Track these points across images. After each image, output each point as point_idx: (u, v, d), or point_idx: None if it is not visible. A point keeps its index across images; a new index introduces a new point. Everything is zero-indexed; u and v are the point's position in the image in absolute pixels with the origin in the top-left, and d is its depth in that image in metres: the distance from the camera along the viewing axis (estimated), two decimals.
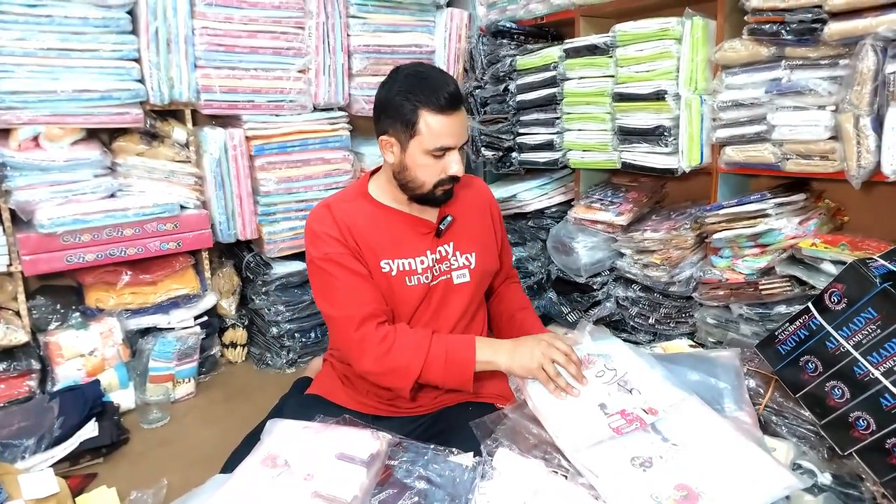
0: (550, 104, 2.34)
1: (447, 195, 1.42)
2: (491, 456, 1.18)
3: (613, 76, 2.10)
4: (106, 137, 2.27)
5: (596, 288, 2.27)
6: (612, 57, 2.08)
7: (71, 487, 1.65)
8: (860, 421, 1.17)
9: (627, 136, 2.08)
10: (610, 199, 2.31)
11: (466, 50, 2.80)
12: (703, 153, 1.95)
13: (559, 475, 1.14)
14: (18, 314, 2.15)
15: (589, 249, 2.24)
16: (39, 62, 2.01)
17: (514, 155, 2.55)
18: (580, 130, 2.27)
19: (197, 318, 2.38)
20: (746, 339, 1.80)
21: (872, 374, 1.15)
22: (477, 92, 2.68)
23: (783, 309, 1.73)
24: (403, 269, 1.43)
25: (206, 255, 2.48)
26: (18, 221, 2.12)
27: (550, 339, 1.34)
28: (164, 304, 2.33)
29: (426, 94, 1.30)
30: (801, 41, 1.61)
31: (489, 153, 2.65)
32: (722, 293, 1.87)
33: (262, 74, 2.40)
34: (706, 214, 1.89)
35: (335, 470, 1.14)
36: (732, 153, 1.84)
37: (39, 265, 2.08)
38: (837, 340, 1.22)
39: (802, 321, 1.29)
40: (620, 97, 2.07)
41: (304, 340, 2.49)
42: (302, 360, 2.49)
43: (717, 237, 1.86)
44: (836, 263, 1.60)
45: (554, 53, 2.29)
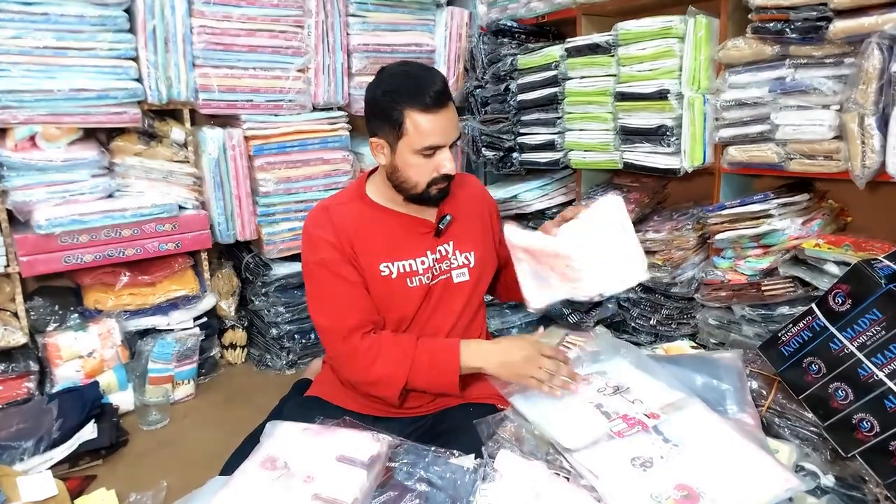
0: (552, 104, 2.33)
1: (443, 194, 1.40)
2: (492, 458, 1.18)
3: (615, 75, 2.09)
4: (104, 137, 2.26)
5: None
6: (613, 56, 2.07)
7: (70, 489, 1.64)
8: (864, 423, 1.16)
9: (629, 135, 2.07)
10: None
11: (467, 49, 2.78)
12: (705, 153, 1.94)
13: (561, 477, 1.13)
14: (16, 315, 2.14)
15: None
16: (36, 61, 1.99)
17: (514, 155, 2.54)
18: (581, 130, 2.26)
19: (196, 319, 2.37)
20: (749, 340, 1.80)
21: (877, 375, 1.14)
22: (477, 91, 2.67)
23: (786, 310, 1.73)
24: (404, 270, 1.42)
25: (205, 255, 2.47)
26: (16, 222, 2.11)
27: (534, 345, 1.34)
28: (163, 305, 2.32)
29: (410, 92, 1.28)
30: (805, 39, 1.59)
31: (490, 153, 2.64)
32: (724, 294, 1.86)
33: (260, 74, 2.39)
34: (708, 215, 1.88)
35: (335, 472, 1.14)
36: (735, 153, 1.83)
37: (37, 266, 2.07)
38: (841, 342, 1.21)
39: (806, 322, 1.29)
40: (622, 96, 2.06)
41: (303, 342, 2.48)
42: (302, 361, 2.48)
43: (719, 238, 1.85)
44: (839, 264, 1.60)
45: (555, 52, 2.28)
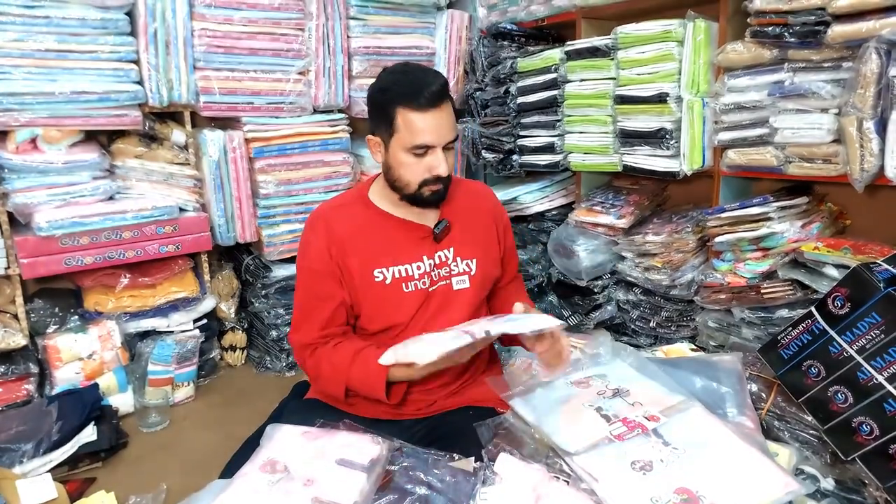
0: (551, 106, 2.33)
1: (436, 196, 1.37)
2: (492, 461, 1.17)
3: (615, 78, 2.09)
4: (104, 139, 2.26)
5: (597, 291, 2.27)
6: (613, 59, 2.08)
7: (69, 492, 1.64)
8: (863, 426, 1.16)
9: (629, 138, 2.08)
10: (611, 201, 2.30)
11: (467, 52, 2.79)
12: (704, 156, 1.94)
13: (561, 480, 1.13)
14: (16, 317, 2.14)
15: (590, 252, 2.23)
16: (37, 64, 2.00)
17: (514, 157, 2.54)
18: (581, 133, 2.27)
19: (196, 321, 2.38)
20: (748, 343, 1.80)
21: (876, 379, 1.14)
22: (477, 94, 2.67)
23: (785, 313, 1.73)
24: (399, 275, 1.41)
25: (205, 257, 2.47)
26: (16, 224, 2.11)
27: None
28: (163, 307, 2.32)
29: (404, 91, 1.28)
30: (804, 43, 1.60)
31: (490, 155, 2.65)
32: (723, 297, 1.86)
33: (261, 76, 2.40)
34: (708, 218, 1.88)
35: (335, 475, 1.14)
36: (734, 156, 1.84)
37: (37, 268, 2.08)
38: (841, 345, 1.21)
39: (805, 325, 1.29)
40: (622, 99, 2.06)
41: None
42: None
43: (718, 240, 1.85)
44: (838, 267, 1.60)
45: (555, 55, 2.28)
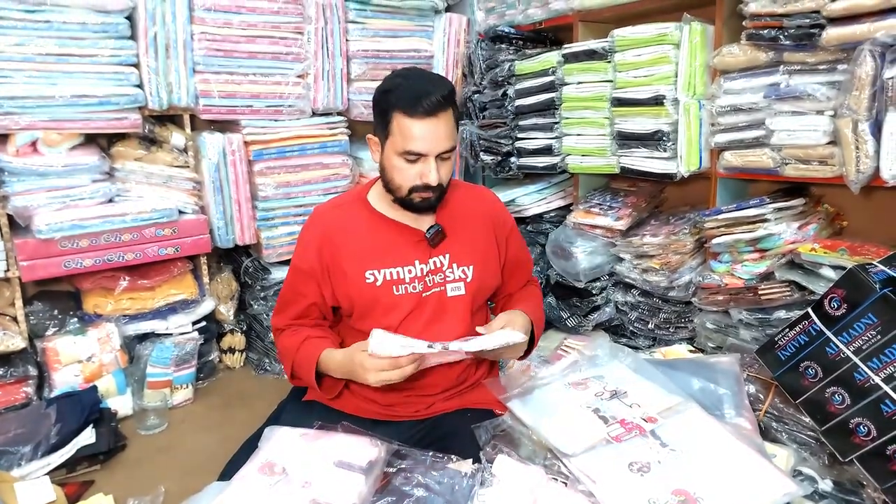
0: (549, 109, 2.34)
1: (426, 204, 1.37)
2: (490, 462, 1.18)
3: (612, 81, 2.10)
4: (104, 142, 2.27)
5: (595, 293, 2.27)
6: (610, 62, 2.09)
7: (68, 495, 1.64)
8: (861, 427, 1.16)
9: (626, 140, 2.09)
10: (609, 203, 2.31)
11: (465, 55, 2.80)
12: (701, 158, 1.95)
13: (559, 482, 1.13)
14: (16, 320, 2.14)
15: (588, 254, 2.24)
16: (38, 67, 2.00)
17: (512, 159, 2.55)
18: (579, 135, 2.28)
19: (195, 323, 2.37)
20: (746, 344, 1.80)
21: (873, 380, 1.14)
22: (476, 97, 2.68)
23: (783, 314, 1.73)
24: (391, 278, 1.41)
25: (204, 260, 2.47)
26: (16, 227, 2.11)
27: (370, 360, 1.23)
28: (162, 309, 2.32)
29: (402, 95, 1.28)
30: (799, 46, 1.61)
31: (488, 158, 2.65)
32: (721, 298, 1.87)
33: (260, 79, 2.40)
34: (705, 219, 1.89)
35: (333, 477, 1.14)
36: (731, 158, 1.84)
37: (37, 271, 2.08)
38: (837, 346, 1.21)
39: (802, 327, 1.29)
40: (619, 102, 2.07)
41: None
42: None
43: (716, 242, 1.86)
44: (835, 268, 1.60)
45: (552, 58, 2.29)
